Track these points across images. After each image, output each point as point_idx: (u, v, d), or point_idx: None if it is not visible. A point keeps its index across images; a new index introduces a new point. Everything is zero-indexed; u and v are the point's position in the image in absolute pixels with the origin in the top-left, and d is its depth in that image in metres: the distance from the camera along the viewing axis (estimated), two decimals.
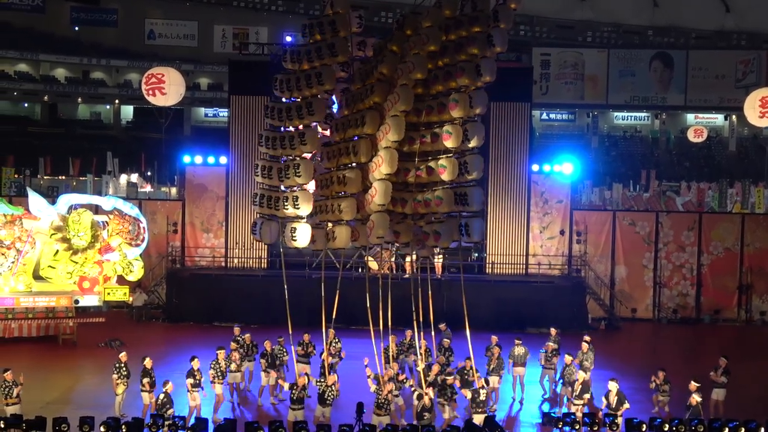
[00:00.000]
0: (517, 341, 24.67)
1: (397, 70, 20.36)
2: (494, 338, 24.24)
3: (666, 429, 17.65)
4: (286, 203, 21.20)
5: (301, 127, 21.42)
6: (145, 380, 20.87)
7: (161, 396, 19.17)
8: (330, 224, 21.30)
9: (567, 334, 25.64)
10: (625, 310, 37.31)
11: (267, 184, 22.42)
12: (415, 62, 19.92)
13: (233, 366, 22.38)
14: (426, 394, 19.47)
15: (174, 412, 18.75)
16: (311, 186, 22.25)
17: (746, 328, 36.65)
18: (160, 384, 20.47)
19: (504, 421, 21.64)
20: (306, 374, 22.49)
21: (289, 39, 40.73)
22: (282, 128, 22.28)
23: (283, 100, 22.48)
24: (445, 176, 19.57)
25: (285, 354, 23.33)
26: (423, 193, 20.49)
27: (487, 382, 20.42)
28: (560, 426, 18.56)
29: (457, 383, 21.36)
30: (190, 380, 20.68)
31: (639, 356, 23.54)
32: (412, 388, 20.51)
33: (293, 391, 19.75)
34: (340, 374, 21.71)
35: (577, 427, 18.04)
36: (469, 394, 20.21)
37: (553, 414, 19.06)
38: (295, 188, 21.33)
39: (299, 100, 21.73)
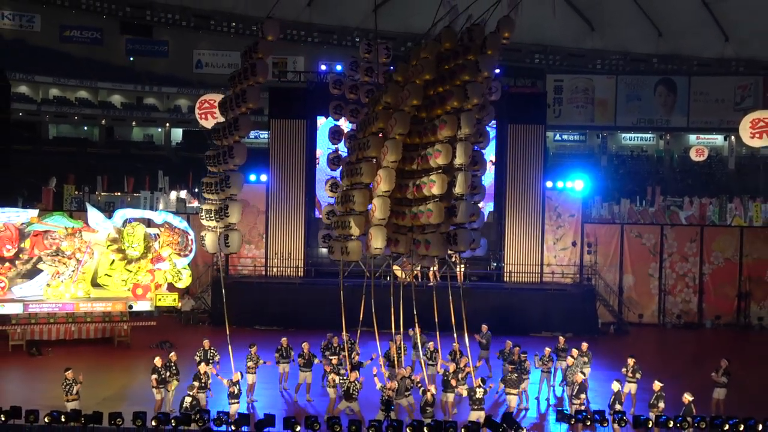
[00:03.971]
0: (483, 328, 25.24)
1: (398, 98, 20.66)
2: (509, 343, 24.27)
3: (671, 425, 17.60)
4: (220, 213, 21.47)
5: (232, 142, 21.59)
6: (153, 377, 20.78)
7: (187, 398, 18.72)
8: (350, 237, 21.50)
9: (579, 338, 25.41)
10: (632, 316, 37.06)
11: (210, 199, 22.75)
12: (411, 90, 20.37)
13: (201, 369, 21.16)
14: (429, 390, 19.44)
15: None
16: None
17: (745, 333, 36.23)
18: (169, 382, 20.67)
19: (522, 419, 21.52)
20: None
21: (323, 67, 40.93)
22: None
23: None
24: (434, 190, 19.66)
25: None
26: (418, 206, 20.59)
27: (484, 381, 20.17)
28: (572, 422, 18.53)
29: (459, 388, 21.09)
30: (196, 383, 20.06)
31: (645, 359, 23.37)
32: (418, 385, 20.35)
33: (231, 387, 20.09)
34: (366, 373, 21.64)
35: (588, 423, 18.02)
36: (465, 392, 20.03)
37: (565, 411, 19.06)
38: (226, 199, 21.60)
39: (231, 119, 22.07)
